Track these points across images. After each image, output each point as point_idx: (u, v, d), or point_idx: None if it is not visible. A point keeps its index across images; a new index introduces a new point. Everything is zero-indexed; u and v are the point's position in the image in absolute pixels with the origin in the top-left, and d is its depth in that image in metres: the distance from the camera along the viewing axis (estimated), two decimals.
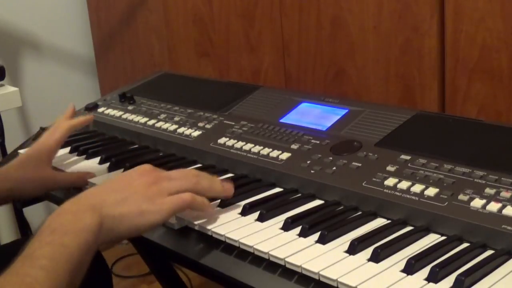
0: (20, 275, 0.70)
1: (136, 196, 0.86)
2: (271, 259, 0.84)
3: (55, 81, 2.45)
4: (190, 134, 1.28)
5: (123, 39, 2.27)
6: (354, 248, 0.83)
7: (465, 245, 0.84)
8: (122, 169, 1.18)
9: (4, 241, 2.25)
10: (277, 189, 1.06)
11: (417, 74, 1.40)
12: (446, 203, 0.88)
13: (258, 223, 0.93)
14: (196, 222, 0.94)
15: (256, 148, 1.15)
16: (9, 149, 1.85)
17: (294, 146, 1.12)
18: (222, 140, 1.21)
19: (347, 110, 1.20)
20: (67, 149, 1.33)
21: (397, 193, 0.93)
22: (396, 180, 0.95)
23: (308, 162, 1.06)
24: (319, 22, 1.57)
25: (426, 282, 0.75)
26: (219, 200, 0.99)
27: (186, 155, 1.24)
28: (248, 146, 1.16)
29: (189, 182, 0.91)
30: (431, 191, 0.90)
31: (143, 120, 1.39)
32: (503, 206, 0.84)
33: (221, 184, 0.95)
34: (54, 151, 1.19)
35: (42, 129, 1.47)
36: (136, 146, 1.35)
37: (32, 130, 2.34)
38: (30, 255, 0.73)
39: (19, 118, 2.37)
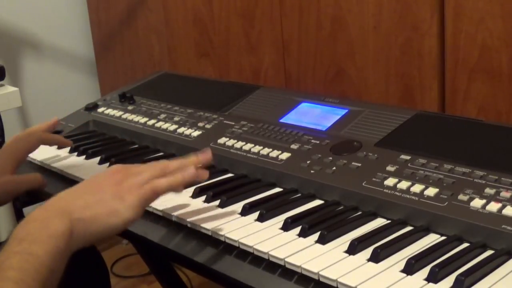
0: None
1: (105, 196, 0.84)
2: (271, 259, 0.84)
3: (55, 81, 2.45)
4: (190, 134, 1.28)
5: (123, 39, 2.27)
6: (354, 248, 0.83)
7: (465, 245, 0.84)
8: None
9: (4, 240, 2.25)
10: (277, 189, 1.06)
11: (417, 74, 1.40)
12: (446, 203, 0.88)
13: (258, 223, 0.93)
14: (196, 222, 0.94)
15: (256, 148, 1.15)
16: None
17: (294, 146, 1.12)
18: (222, 140, 1.21)
19: (347, 110, 1.20)
20: (67, 149, 1.33)
21: (397, 193, 0.93)
22: (396, 180, 0.95)
23: (308, 162, 1.06)
24: (319, 22, 1.57)
25: (426, 282, 0.75)
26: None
27: (186, 155, 1.24)
28: (248, 146, 1.16)
29: (156, 170, 0.89)
30: (431, 191, 0.90)
31: (143, 120, 1.39)
32: (503, 206, 0.84)
33: (195, 168, 0.92)
34: (22, 161, 1.17)
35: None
36: (136, 146, 1.35)
37: None
38: None
39: (19, 118, 2.37)
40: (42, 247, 0.74)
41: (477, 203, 0.86)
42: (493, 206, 0.84)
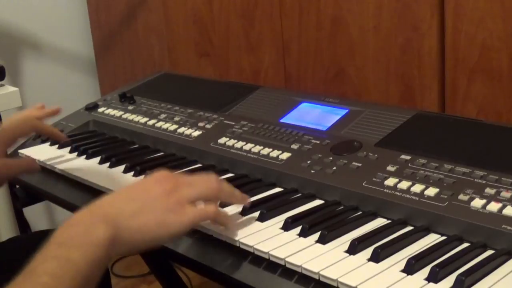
0: None
1: (155, 205, 0.80)
2: (271, 259, 0.84)
3: (55, 81, 2.45)
4: (190, 134, 1.28)
5: (123, 39, 2.27)
6: (354, 248, 0.83)
7: (465, 245, 0.84)
8: (123, 166, 1.19)
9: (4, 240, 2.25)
10: (277, 189, 1.06)
11: (417, 74, 1.40)
12: (446, 203, 0.88)
13: (258, 223, 0.93)
14: None
15: (256, 148, 1.15)
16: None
17: (294, 146, 1.12)
18: (222, 140, 1.21)
19: (347, 110, 1.20)
20: (67, 149, 1.33)
21: (397, 193, 0.93)
22: (396, 180, 0.95)
23: (308, 162, 1.06)
24: (319, 22, 1.57)
25: (426, 282, 0.75)
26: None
27: (186, 155, 1.24)
28: (248, 146, 1.16)
29: (211, 189, 0.86)
30: (431, 191, 0.90)
31: (143, 120, 1.39)
32: (503, 206, 0.84)
33: (240, 193, 0.92)
34: (13, 144, 1.16)
35: None
36: (136, 146, 1.35)
37: None
38: (32, 271, 0.68)
39: None
40: (82, 254, 0.70)
41: (477, 203, 0.86)
42: (493, 206, 0.84)
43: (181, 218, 0.80)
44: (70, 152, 1.32)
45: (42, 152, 1.33)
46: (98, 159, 1.25)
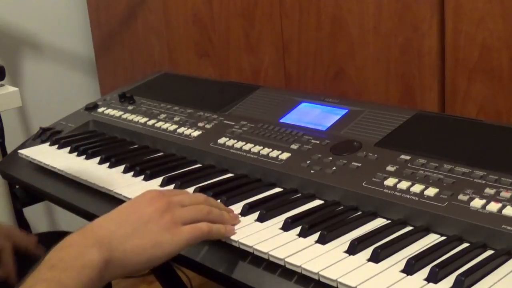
0: None
1: (149, 226, 0.79)
2: (271, 259, 0.84)
3: (55, 81, 2.45)
4: (190, 134, 1.28)
5: (123, 39, 2.27)
6: (354, 248, 0.83)
7: (465, 245, 0.84)
8: (123, 166, 1.19)
9: None
10: (277, 189, 1.06)
11: (417, 74, 1.40)
12: (446, 203, 0.88)
13: (258, 223, 0.93)
14: None
15: (256, 148, 1.15)
16: (9, 149, 1.85)
17: (294, 146, 1.12)
18: (222, 140, 1.21)
19: (347, 110, 1.20)
20: (67, 149, 1.33)
21: (397, 193, 0.93)
22: (396, 180, 0.95)
23: (308, 162, 1.06)
24: (319, 22, 1.57)
25: (426, 282, 0.75)
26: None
27: (186, 155, 1.24)
28: (248, 146, 1.16)
29: (201, 211, 0.86)
30: (431, 191, 0.90)
31: (143, 120, 1.39)
32: (503, 206, 0.84)
33: (228, 214, 0.92)
34: None
35: (42, 129, 1.47)
36: (136, 146, 1.35)
37: (32, 130, 2.33)
38: None
39: (19, 118, 2.37)
40: (74, 277, 0.70)
41: (477, 203, 0.86)
42: (493, 206, 0.84)
43: (176, 237, 0.81)
44: (70, 152, 1.32)
45: (42, 152, 1.33)
46: (97, 159, 1.25)
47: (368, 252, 0.82)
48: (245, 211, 0.96)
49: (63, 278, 0.69)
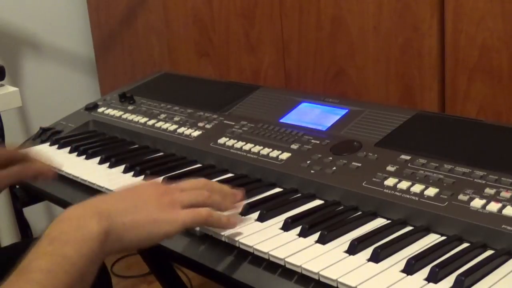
0: None
1: (148, 204, 0.81)
2: (271, 259, 0.84)
3: (55, 81, 2.45)
4: (190, 134, 1.28)
5: (123, 39, 2.27)
6: (354, 248, 0.83)
7: (465, 245, 0.84)
8: (123, 166, 1.19)
9: (4, 240, 2.25)
10: (277, 189, 1.06)
11: (417, 74, 1.40)
12: (446, 203, 0.88)
13: (258, 223, 0.93)
14: None
15: (256, 148, 1.15)
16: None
17: (294, 146, 1.12)
18: (222, 140, 1.21)
19: (347, 110, 1.20)
20: (67, 149, 1.33)
21: (397, 193, 0.93)
22: (396, 180, 0.95)
23: (308, 162, 1.06)
24: (319, 22, 1.57)
25: (426, 282, 0.75)
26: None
27: (186, 155, 1.24)
28: (248, 146, 1.16)
29: (200, 196, 0.87)
30: (431, 191, 0.90)
31: (143, 120, 1.39)
32: (503, 206, 0.84)
33: (232, 199, 0.92)
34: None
35: (42, 129, 1.48)
36: (136, 146, 1.35)
37: (32, 130, 2.34)
38: (24, 268, 0.67)
39: (19, 118, 2.37)
40: (76, 249, 0.70)
41: (477, 203, 0.86)
42: (493, 206, 0.84)
43: (173, 217, 0.81)
44: (70, 152, 1.32)
45: (42, 152, 1.33)
46: (97, 159, 1.25)
47: (368, 252, 0.82)
48: (245, 211, 0.96)
49: (65, 251, 0.69)
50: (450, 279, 0.74)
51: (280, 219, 0.93)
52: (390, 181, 0.95)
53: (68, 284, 0.67)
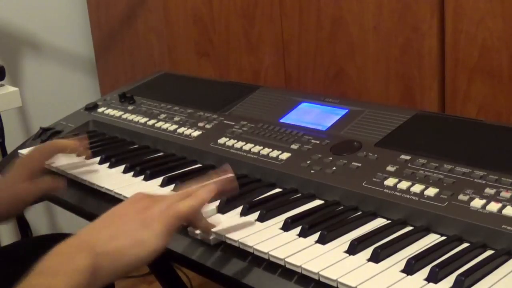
0: None
1: (128, 226, 0.80)
2: (271, 259, 0.84)
3: (55, 81, 2.45)
4: (190, 134, 1.28)
5: (123, 39, 2.27)
6: (354, 248, 0.83)
7: (465, 245, 0.84)
8: (123, 166, 1.19)
9: (4, 240, 2.25)
10: (277, 189, 1.06)
11: (417, 74, 1.40)
12: (446, 203, 0.88)
13: (258, 223, 0.93)
14: None
15: (256, 148, 1.15)
16: (9, 149, 1.85)
17: (294, 146, 1.12)
18: (222, 140, 1.21)
19: (347, 110, 1.20)
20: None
21: (397, 193, 0.93)
22: (396, 180, 0.95)
23: (308, 162, 1.06)
24: (319, 22, 1.57)
25: (426, 282, 0.75)
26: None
27: (186, 155, 1.24)
28: (248, 146, 1.16)
29: (178, 194, 0.86)
30: (431, 191, 0.90)
31: (143, 120, 1.39)
32: (503, 206, 0.84)
33: (206, 187, 0.88)
34: (37, 170, 1.13)
35: (42, 129, 1.47)
36: (136, 146, 1.35)
37: (32, 130, 2.34)
38: None
39: (19, 118, 2.37)
40: (63, 281, 0.70)
41: (477, 203, 0.86)
42: (493, 206, 0.84)
43: (154, 231, 0.80)
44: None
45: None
46: (97, 159, 1.25)
47: (368, 252, 0.82)
48: (245, 211, 0.96)
49: (53, 283, 0.70)
50: (450, 279, 0.74)
51: (280, 219, 0.93)
52: (390, 181, 0.95)
53: None
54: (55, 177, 1.13)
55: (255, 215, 0.95)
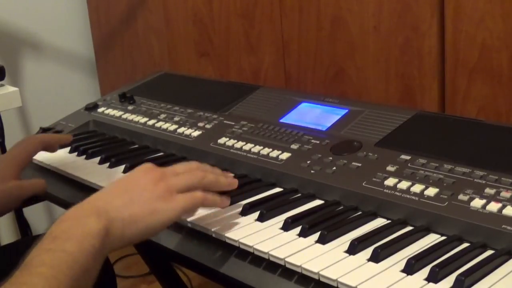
0: (17, 284, 0.66)
1: (144, 195, 0.82)
2: (271, 259, 0.84)
3: (55, 81, 2.45)
4: (190, 134, 1.28)
5: (123, 39, 2.27)
6: (354, 248, 0.83)
7: (465, 245, 0.84)
8: (123, 166, 1.19)
9: (4, 239, 2.25)
10: (277, 189, 1.06)
11: (417, 74, 1.40)
12: (446, 203, 0.88)
13: (258, 223, 0.93)
14: (196, 222, 0.94)
15: (256, 148, 1.15)
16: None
17: (294, 146, 1.12)
18: (222, 140, 1.21)
19: (347, 110, 1.20)
20: (67, 149, 1.33)
21: (397, 193, 0.93)
22: (396, 180, 0.95)
23: (308, 162, 1.06)
24: (319, 22, 1.57)
25: (426, 282, 0.75)
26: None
27: (186, 155, 1.24)
28: (248, 146, 1.16)
29: (196, 177, 0.88)
30: (431, 191, 0.90)
31: (143, 120, 1.39)
32: (503, 206, 0.84)
33: (225, 177, 0.94)
34: (25, 165, 1.15)
35: (42, 129, 1.47)
36: (136, 146, 1.35)
37: (32, 130, 2.34)
38: (28, 263, 0.69)
39: (19, 118, 2.38)
40: (76, 245, 0.72)
41: (477, 203, 0.86)
42: (493, 206, 0.84)
43: (171, 205, 0.82)
44: (70, 152, 1.32)
45: (42, 153, 1.33)
46: (97, 159, 1.25)
47: (368, 252, 0.82)
48: (245, 211, 0.96)
49: (67, 247, 0.71)
50: (450, 279, 0.74)
51: (280, 219, 0.93)
52: (390, 181, 0.95)
53: (71, 277, 0.69)
54: (42, 180, 1.14)
55: (255, 215, 0.95)
